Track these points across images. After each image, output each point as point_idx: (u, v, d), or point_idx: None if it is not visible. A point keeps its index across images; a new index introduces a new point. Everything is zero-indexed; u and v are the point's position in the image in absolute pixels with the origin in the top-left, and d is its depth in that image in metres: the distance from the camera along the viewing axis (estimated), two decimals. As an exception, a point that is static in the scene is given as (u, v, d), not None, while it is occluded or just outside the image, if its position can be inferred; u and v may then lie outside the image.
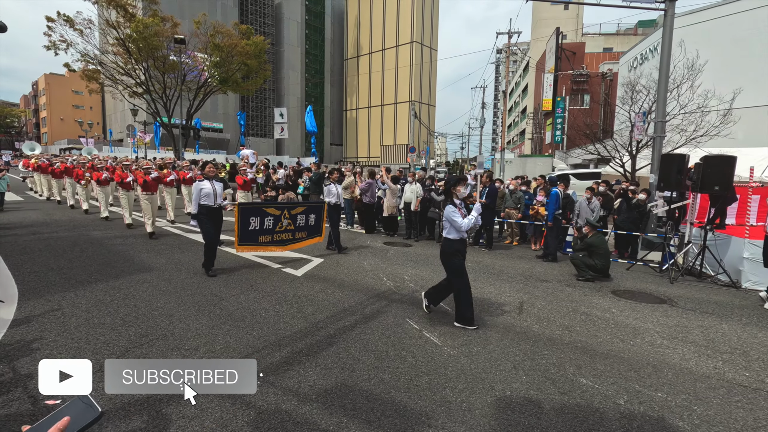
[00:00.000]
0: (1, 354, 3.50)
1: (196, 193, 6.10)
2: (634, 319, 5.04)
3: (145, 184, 9.15)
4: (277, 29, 60.61)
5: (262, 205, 6.47)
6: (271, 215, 6.38)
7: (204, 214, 6.09)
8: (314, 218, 7.10)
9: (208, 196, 6.12)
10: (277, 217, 6.46)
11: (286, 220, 6.58)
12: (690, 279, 7.24)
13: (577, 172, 20.23)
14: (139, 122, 32.73)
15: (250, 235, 6.29)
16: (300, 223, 6.83)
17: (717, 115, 13.72)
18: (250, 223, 6.23)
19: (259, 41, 26.98)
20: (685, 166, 7.62)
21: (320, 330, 4.30)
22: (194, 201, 6.09)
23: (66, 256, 7.01)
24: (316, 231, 7.23)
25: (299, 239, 6.97)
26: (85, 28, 23.06)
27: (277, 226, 6.47)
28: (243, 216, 6.19)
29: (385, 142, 61.16)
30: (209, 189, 6.15)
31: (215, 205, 6.20)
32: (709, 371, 3.74)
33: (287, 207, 6.69)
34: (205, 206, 6.10)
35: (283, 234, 6.60)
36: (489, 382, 3.38)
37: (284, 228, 6.57)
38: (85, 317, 4.37)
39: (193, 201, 6.12)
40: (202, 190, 6.12)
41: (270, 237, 6.48)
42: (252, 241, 6.33)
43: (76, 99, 71.74)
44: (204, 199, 6.11)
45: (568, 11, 44.36)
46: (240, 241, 6.23)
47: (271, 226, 6.40)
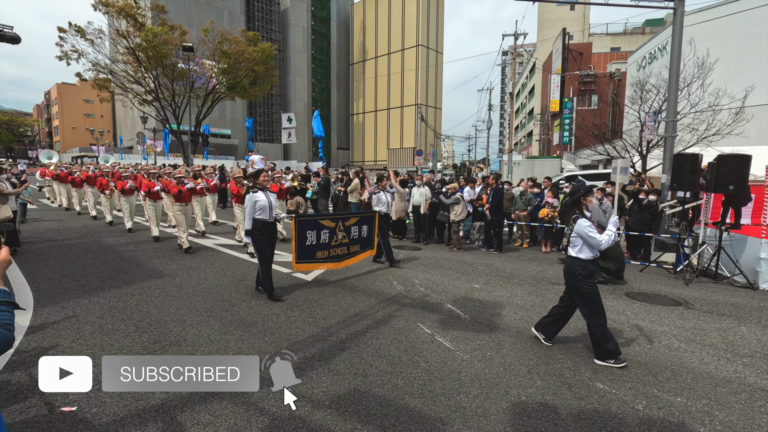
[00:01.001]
0: (17, 361, 3.54)
1: (250, 206, 5.29)
2: (650, 322, 4.95)
3: (179, 195, 8.45)
4: (284, 35, 61.13)
5: (317, 217, 5.87)
6: (326, 228, 5.77)
7: (259, 230, 5.33)
8: (366, 230, 6.49)
9: (263, 210, 5.34)
10: (333, 230, 5.85)
11: (341, 232, 5.96)
12: (705, 280, 7.11)
13: (586, 173, 20.05)
14: (149, 129, 33.17)
15: (307, 251, 5.62)
16: (354, 235, 6.22)
17: (729, 113, 13.51)
18: (306, 237, 5.58)
19: (266, 47, 27.19)
20: (698, 165, 7.51)
21: (332, 335, 4.29)
22: (248, 215, 5.30)
23: (79, 262, 7.09)
24: (368, 243, 6.60)
25: (354, 253, 6.34)
26: (96, 38, 23.42)
27: (333, 240, 5.85)
28: (300, 230, 5.53)
29: (392, 146, 61.27)
30: (265, 201, 5.34)
31: (271, 219, 5.44)
32: (730, 375, 3.65)
33: (341, 218, 6.09)
34: (260, 221, 5.33)
35: (338, 248, 5.99)
36: (503, 387, 3.33)
37: (339, 242, 5.97)
38: (99, 324, 4.41)
39: (246, 215, 5.33)
40: (257, 202, 5.31)
41: (327, 252, 5.85)
42: (310, 257, 5.67)
43: (88, 108, 72.94)
44: (259, 212, 5.33)
45: (574, 12, 44.13)
46: (297, 258, 5.56)
47: (327, 239, 5.78)
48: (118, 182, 10.30)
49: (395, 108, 66.90)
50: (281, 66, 57.67)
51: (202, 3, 51.06)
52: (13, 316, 1.38)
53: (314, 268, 5.81)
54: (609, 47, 39.24)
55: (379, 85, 68.83)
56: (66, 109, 72.70)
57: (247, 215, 5.30)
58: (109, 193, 11.24)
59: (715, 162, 6.96)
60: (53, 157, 18.66)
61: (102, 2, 22.87)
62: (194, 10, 49.40)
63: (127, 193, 10.23)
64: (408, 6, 63.74)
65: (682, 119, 12.51)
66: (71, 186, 13.90)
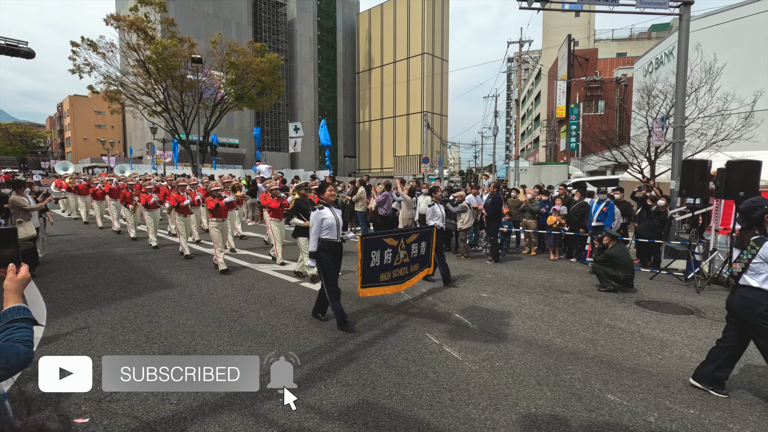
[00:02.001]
0: (31, 372, 3.58)
1: (316, 225, 4.73)
2: (661, 331, 4.89)
3: (216, 209, 7.61)
4: (291, 45, 61.86)
5: (381, 235, 5.30)
6: (390, 247, 5.24)
7: (326, 252, 4.74)
8: (425, 246, 5.97)
9: (330, 229, 4.74)
10: (395, 249, 5.34)
11: (403, 251, 5.45)
12: (717, 288, 7.01)
13: (594, 179, 19.93)
14: (158, 140, 33.66)
15: (371, 273, 5.03)
16: (414, 253, 5.72)
17: (738, 118, 13.40)
18: (371, 258, 4.99)
19: (273, 58, 27.55)
20: (707, 171, 7.45)
21: (340, 345, 4.30)
22: (313, 235, 4.73)
23: (91, 273, 7.19)
24: (426, 261, 6.04)
25: (414, 273, 5.77)
26: (108, 51, 23.94)
27: (395, 260, 5.34)
28: (365, 250, 4.92)
29: (398, 153, 61.36)
30: (332, 219, 4.76)
31: (339, 240, 4.86)
32: (744, 387, 3.59)
33: (403, 235, 5.58)
34: (327, 242, 4.74)
35: (400, 269, 5.44)
36: (513, 398, 3.31)
37: (401, 261, 5.44)
38: (110, 335, 4.47)
39: (311, 235, 4.76)
40: (324, 220, 4.73)
41: (389, 274, 5.30)
42: (374, 281, 5.09)
43: (99, 119, 74.19)
44: (326, 231, 4.74)
45: (579, 18, 44.18)
46: (363, 282, 4.94)
47: (390, 260, 5.27)
48: (141, 196, 9.74)
49: (401, 116, 67.17)
50: (288, 76, 58.31)
51: (210, 15, 51.93)
52: (32, 332, 1.41)
53: (378, 292, 5.22)
54: (615, 53, 39.23)
55: (385, 93, 69.23)
56: (78, 120, 74.05)
57: (313, 235, 4.73)
58: (132, 207, 10.58)
59: (724, 168, 6.90)
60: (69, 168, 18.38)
61: (114, 17, 23.41)
62: (203, 22, 50.25)
63: (151, 208, 9.65)
64: (413, 15, 64.26)
65: (690, 124, 12.44)
66: (92, 198, 13.29)
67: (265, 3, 59.02)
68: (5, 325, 1.37)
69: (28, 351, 1.34)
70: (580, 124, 31.25)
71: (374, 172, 65.07)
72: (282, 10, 61.41)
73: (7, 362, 1.28)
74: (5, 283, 1.45)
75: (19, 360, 1.31)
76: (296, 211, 6.84)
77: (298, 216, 6.77)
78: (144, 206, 9.69)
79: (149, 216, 9.69)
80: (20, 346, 1.33)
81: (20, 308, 1.42)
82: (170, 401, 3.15)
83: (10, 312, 1.40)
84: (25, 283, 1.49)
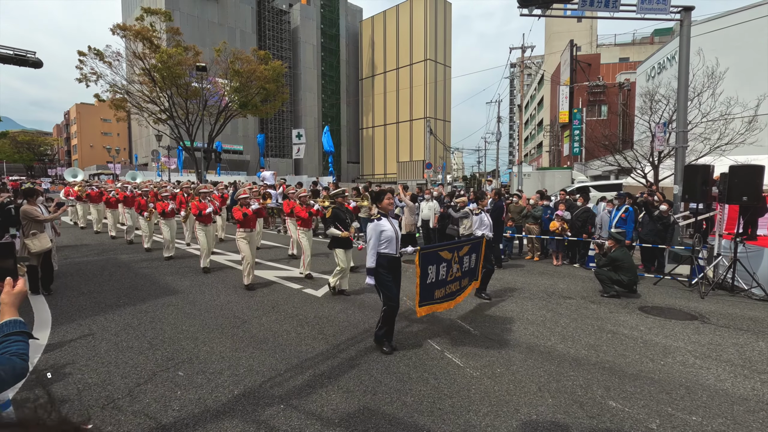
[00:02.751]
0: (36, 379, 3.63)
1: (374, 238, 4.30)
2: (664, 337, 4.87)
3: (245, 219, 6.91)
4: (294, 53, 62.40)
5: (437, 249, 4.92)
6: (444, 261, 4.88)
7: (385, 267, 4.29)
8: (474, 258, 5.61)
9: (389, 242, 4.31)
10: (449, 263, 4.96)
11: (456, 264, 5.10)
12: (722, 293, 6.97)
13: (598, 184, 19.88)
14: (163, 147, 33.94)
15: (428, 290, 4.65)
16: (465, 266, 5.38)
17: (741, 122, 13.36)
18: (428, 273, 4.64)
19: (276, 66, 27.84)
20: (710, 176, 7.43)
21: (341, 352, 4.31)
22: (371, 249, 4.30)
23: (95, 280, 7.25)
24: (473, 275, 5.64)
25: (464, 288, 5.38)
26: (114, 60, 24.31)
27: (449, 275, 4.97)
28: (423, 264, 4.55)
29: (402, 159, 61.53)
30: (391, 232, 4.32)
31: (398, 254, 4.42)
32: (747, 393, 3.57)
33: (456, 248, 5.18)
34: (385, 256, 4.30)
35: (452, 284, 5.05)
36: (514, 405, 3.31)
37: (453, 275, 5.06)
38: (114, 341, 4.50)
39: (369, 249, 4.32)
40: (384, 232, 4.29)
41: (443, 290, 4.92)
42: (430, 298, 4.69)
43: (105, 126, 75.00)
44: (384, 245, 4.30)
45: (581, 24, 44.31)
46: (421, 299, 4.54)
47: (444, 274, 4.89)
48: (158, 204, 9.21)
49: (404, 122, 67.43)
50: (292, 83, 58.77)
51: (215, 24, 52.56)
52: (28, 346, 1.44)
53: (433, 310, 4.83)
54: (617, 57, 39.24)
55: (388, 99, 69.58)
56: (84, 128, 74.88)
57: (370, 249, 4.29)
58: (147, 215, 9.94)
59: (727, 173, 6.89)
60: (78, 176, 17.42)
61: (120, 27, 23.78)
62: (207, 30, 50.85)
63: (168, 216, 9.13)
64: (415, 22, 64.70)
65: (693, 129, 12.41)
66: (105, 206, 12.59)
67: (269, 11, 59.68)
68: (1, 339, 1.39)
69: (23, 364, 1.37)
70: (583, 129, 31.23)
71: (377, 178, 65.22)
72: (286, 18, 62.05)
73: (3, 375, 1.30)
74: (2, 297, 1.47)
75: (15, 373, 1.33)
76: (333, 221, 6.33)
77: (335, 226, 6.28)
78: (161, 215, 9.19)
79: (165, 225, 9.15)
80: (16, 359, 1.35)
81: (16, 322, 1.44)
82: (173, 407, 3.18)
83: (6, 325, 1.42)
84: (21, 296, 1.51)
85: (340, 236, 6.21)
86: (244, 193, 7.24)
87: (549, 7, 9.95)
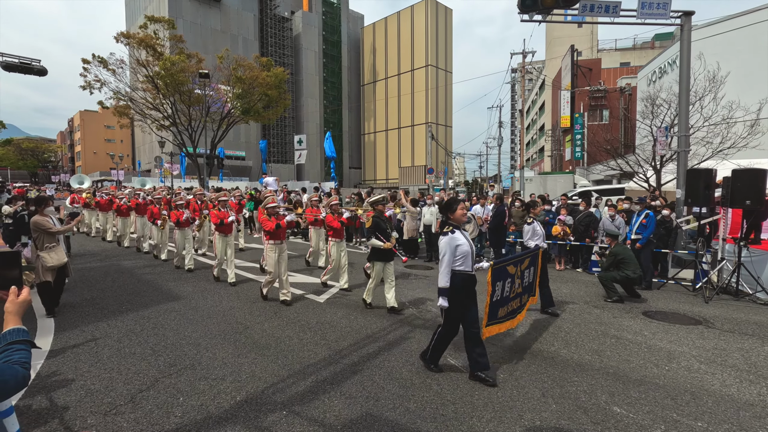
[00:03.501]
0: (39, 385, 3.63)
1: (449, 253, 3.74)
2: (669, 342, 4.84)
3: (276, 230, 6.24)
4: (296, 59, 62.78)
5: (505, 263, 4.48)
6: (509, 276, 4.48)
7: (459, 288, 3.75)
8: (532, 272, 5.22)
9: (465, 257, 3.79)
10: (513, 278, 4.57)
11: (518, 279, 4.73)
12: (726, 298, 6.93)
13: (600, 188, 19.85)
14: (166, 153, 34.12)
15: (494, 308, 4.25)
16: (525, 281, 5.00)
17: (744, 126, 13.35)
18: (495, 290, 4.23)
19: (279, 72, 27.99)
20: (712, 180, 7.42)
21: (344, 357, 4.30)
22: (446, 266, 3.74)
23: (98, 286, 7.27)
24: (530, 289, 5.22)
25: (523, 305, 4.96)
26: (118, 67, 24.51)
27: (512, 291, 4.59)
28: (493, 281, 4.15)
29: (403, 164, 61.66)
30: (467, 246, 3.80)
31: (473, 271, 3.88)
32: (753, 398, 3.54)
33: (518, 261, 4.77)
34: (461, 274, 3.76)
35: (514, 301, 4.64)
36: (517, 411, 3.29)
37: (515, 292, 4.66)
38: (117, 347, 4.50)
39: (443, 266, 3.76)
40: (459, 247, 3.76)
41: (506, 308, 4.53)
42: (495, 317, 4.30)
43: (108, 133, 75.45)
44: (460, 261, 3.77)
45: (582, 29, 44.45)
46: (489, 318, 4.15)
47: (508, 291, 4.51)
48: (172, 213, 8.71)
49: (406, 127, 67.64)
50: (294, 89, 59.04)
51: (218, 31, 52.99)
52: (30, 354, 1.45)
53: (498, 330, 4.41)
54: (618, 62, 39.33)
55: (390, 105, 69.87)
56: (88, 135, 75.39)
57: (445, 267, 3.74)
58: (161, 224, 9.44)
59: (729, 177, 6.88)
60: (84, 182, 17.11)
61: (124, 35, 23.99)
62: (210, 38, 51.28)
63: (183, 226, 8.58)
64: (417, 28, 65.10)
65: (695, 133, 12.41)
66: (117, 214, 11.95)
67: (271, 19, 60.13)
68: (4, 347, 1.41)
69: (25, 373, 1.39)
70: (585, 133, 31.25)
71: (379, 183, 65.34)
72: (288, 25, 62.50)
73: (5, 384, 1.31)
74: (6, 306, 1.49)
75: (17, 381, 1.35)
76: (374, 231, 5.81)
77: (376, 236, 5.78)
78: (175, 224, 8.60)
79: (180, 235, 8.58)
80: (18, 368, 1.37)
81: (20, 330, 1.46)
82: (175, 414, 3.17)
83: (9, 334, 1.44)
84: (25, 306, 1.53)
85: (383, 247, 5.73)
86: (272, 201, 6.51)
87: (549, 12, 9.98)
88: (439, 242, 3.90)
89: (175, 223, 8.59)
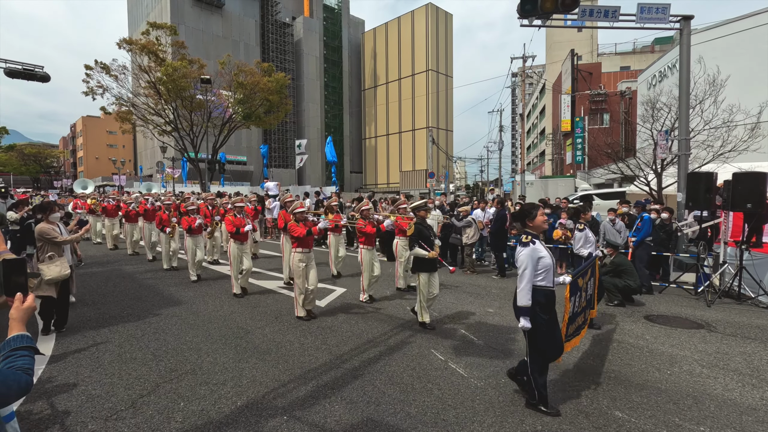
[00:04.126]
0: (40, 390, 3.63)
1: (530, 267, 3.28)
2: (670, 346, 4.82)
3: (305, 237, 5.69)
4: (297, 65, 63.07)
5: (577, 276, 4.04)
6: (579, 289, 4.13)
7: (542, 305, 3.32)
8: (592, 284, 4.78)
9: (547, 271, 3.35)
10: (581, 291, 4.22)
11: (584, 292, 4.36)
12: (728, 301, 6.90)
13: (601, 192, 19.85)
14: (168, 158, 34.25)
15: (571, 322, 3.87)
16: (588, 294, 4.62)
17: (744, 129, 13.34)
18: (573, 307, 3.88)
19: (280, 78, 28.13)
20: (713, 184, 7.42)
21: (345, 362, 4.29)
22: (528, 281, 3.27)
23: (99, 291, 7.28)
24: (591, 302, 4.76)
25: (587, 320, 4.57)
26: (120, 73, 24.66)
27: (579, 305, 4.19)
28: (571, 295, 3.79)
29: (405, 168, 61.72)
30: (549, 258, 3.36)
31: (555, 287, 3.45)
32: (756, 403, 3.52)
33: (582, 273, 4.31)
34: (542, 290, 3.33)
35: (580, 316, 4.24)
36: (518, 415, 3.28)
37: (581, 306, 4.27)
38: (118, 352, 4.51)
39: (524, 280, 3.28)
40: (542, 260, 3.33)
41: (575, 323, 4.12)
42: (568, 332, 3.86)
43: (110, 138, 75.78)
44: (542, 275, 3.34)
45: (582, 33, 44.63)
46: (567, 333, 3.72)
47: (577, 305, 4.12)
48: (183, 219, 8.24)
49: (407, 131, 67.76)
50: (295, 94, 59.27)
51: (219, 37, 53.30)
52: (33, 361, 1.47)
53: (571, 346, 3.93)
54: (618, 66, 39.40)
55: (391, 109, 70.06)
56: (90, 140, 75.72)
57: (527, 283, 3.27)
58: (170, 231, 9.02)
59: (730, 180, 6.88)
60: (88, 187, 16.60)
61: (126, 41, 24.14)
62: (212, 43, 51.57)
63: (195, 233, 8.10)
64: (417, 33, 65.38)
65: (696, 136, 12.40)
66: (125, 220, 11.52)
67: (272, 24, 60.49)
68: (8, 353, 1.43)
69: (28, 379, 1.40)
70: (586, 137, 31.27)
71: (380, 187, 65.38)
72: (289, 31, 62.86)
73: (8, 389, 1.33)
74: (11, 312, 1.50)
75: (20, 387, 1.37)
76: (417, 239, 5.33)
77: (419, 245, 5.28)
78: (186, 231, 8.10)
79: (191, 242, 8.06)
80: (21, 374, 1.38)
81: (23, 337, 1.48)
82: (175, 419, 3.17)
83: (13, 340, 1.46)
84: (30, 312, 1.55)
85: (427, 257, 5.23)
86: (301, 206, 5.94)
87: (549, 17, 10.04)
88: (517, 254, 3.41)
89: (186, 230, 8.09)
